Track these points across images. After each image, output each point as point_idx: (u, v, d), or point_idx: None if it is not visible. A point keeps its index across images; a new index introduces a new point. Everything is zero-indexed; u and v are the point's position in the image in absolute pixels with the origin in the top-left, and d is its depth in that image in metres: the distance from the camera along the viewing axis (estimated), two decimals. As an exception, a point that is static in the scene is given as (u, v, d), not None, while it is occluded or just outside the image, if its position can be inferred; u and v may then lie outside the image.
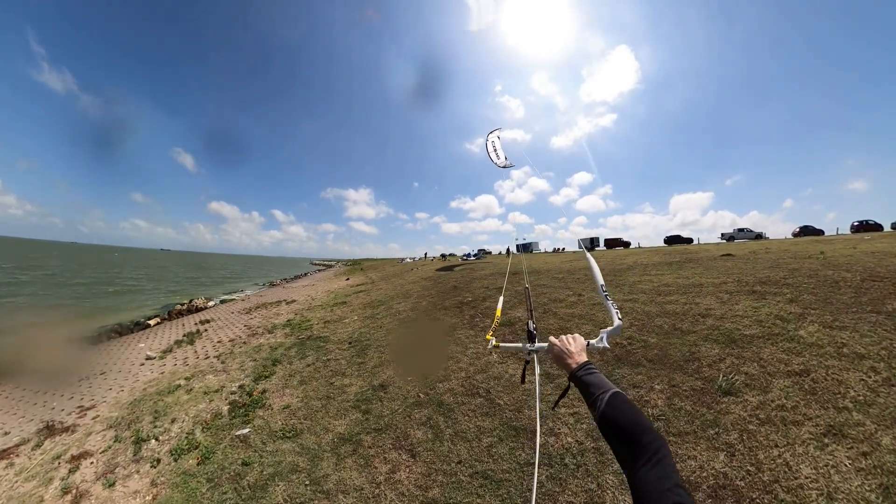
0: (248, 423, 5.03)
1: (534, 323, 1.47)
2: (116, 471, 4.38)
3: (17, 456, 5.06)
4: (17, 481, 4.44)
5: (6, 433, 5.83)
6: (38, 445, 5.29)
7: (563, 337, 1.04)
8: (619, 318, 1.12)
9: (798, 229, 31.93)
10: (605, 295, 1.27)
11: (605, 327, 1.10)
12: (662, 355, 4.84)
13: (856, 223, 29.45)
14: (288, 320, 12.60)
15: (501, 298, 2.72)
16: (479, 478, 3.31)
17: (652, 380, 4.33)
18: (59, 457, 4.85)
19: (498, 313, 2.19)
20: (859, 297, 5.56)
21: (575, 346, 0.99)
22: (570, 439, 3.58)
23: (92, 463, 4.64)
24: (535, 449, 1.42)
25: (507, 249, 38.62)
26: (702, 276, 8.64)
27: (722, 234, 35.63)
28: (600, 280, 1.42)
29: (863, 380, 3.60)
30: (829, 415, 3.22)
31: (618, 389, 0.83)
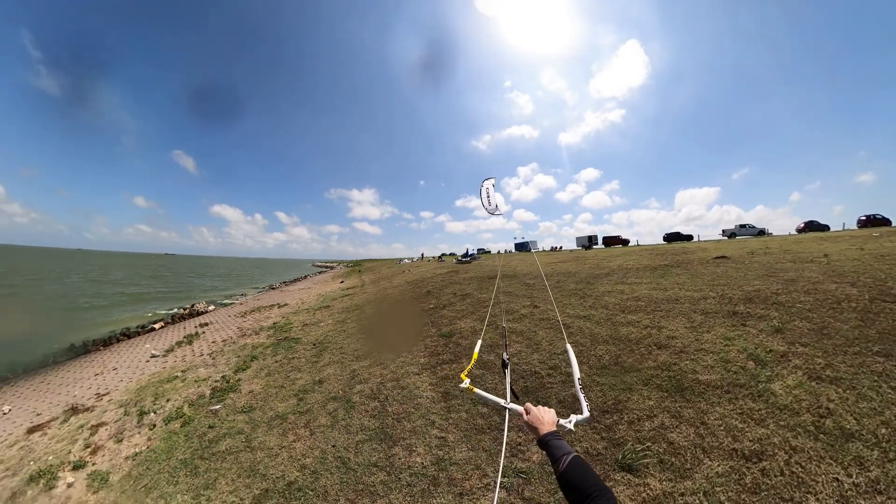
0: (220, 402, 6.41)
1: (507, 355, 1.71)
2: (124, 432, 5.91)
3: (49, 428, 6.53)
4: (50, 443, 5.89)
5: (38, 414, 7.32)
6: (65, 421, 6.79)
7: (536, 409, 1.23)
8: (588, 410, 1.25)
9: (802, 224, 30.66)
10: (580, 388, 1.41)
11: (577, 413, 1.23)
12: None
13: (863, 218, 27.89)
14: (274, 323, 13.29)
15: (479, 342, 2.50)
16: (338, 461, 3.97)
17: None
18: (81, 426, 6.39)
19: (475, 356, 2.17)
20: (865, 328, 4.38)
21: (547, 417, 1.18)
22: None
23: (106, 429, 6.18)
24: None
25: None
26: (682, 288, 7.68)
27: (723, 231, 34.73)
28: (577, 374, 1.52)
29: (837, 479, 2.38)
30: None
31: (576, 453, 1.01)
